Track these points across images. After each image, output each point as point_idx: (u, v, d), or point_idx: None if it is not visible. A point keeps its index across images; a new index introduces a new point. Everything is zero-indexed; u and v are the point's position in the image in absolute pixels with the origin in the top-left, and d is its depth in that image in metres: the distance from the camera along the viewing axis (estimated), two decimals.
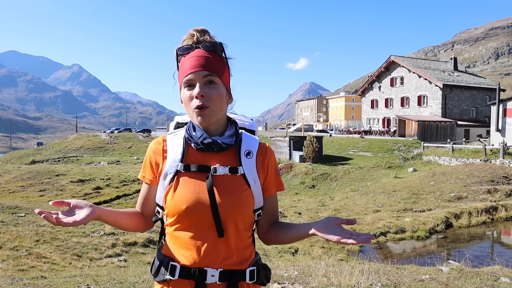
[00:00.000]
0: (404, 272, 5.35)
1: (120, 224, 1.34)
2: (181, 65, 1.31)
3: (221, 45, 1.32)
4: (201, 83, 1.26)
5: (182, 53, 1.32)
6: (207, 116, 1.26)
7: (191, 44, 1.32)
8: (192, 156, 1.32)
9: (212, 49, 1.30)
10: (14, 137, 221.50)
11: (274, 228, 1.42)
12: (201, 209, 1.25)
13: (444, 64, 45.08)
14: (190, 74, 1.26)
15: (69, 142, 47.09)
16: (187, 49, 1.31)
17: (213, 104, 1.26)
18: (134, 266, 6.68)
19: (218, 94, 1.28)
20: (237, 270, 1.28)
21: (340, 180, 21.58)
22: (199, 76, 1.26)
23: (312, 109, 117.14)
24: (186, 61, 1.29)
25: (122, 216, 1.34)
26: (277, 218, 1.45)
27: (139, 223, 1.39)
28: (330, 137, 37.57)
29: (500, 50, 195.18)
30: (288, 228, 1.39)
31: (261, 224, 1.43)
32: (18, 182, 20.30)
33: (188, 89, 1.28)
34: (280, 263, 6.29)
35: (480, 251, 10.24)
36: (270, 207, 1.42)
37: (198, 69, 1.26)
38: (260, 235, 1.45)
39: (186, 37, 1.34)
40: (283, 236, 1.39)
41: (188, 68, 1.27)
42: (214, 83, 1.28)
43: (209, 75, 1.27)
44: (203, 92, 1.25)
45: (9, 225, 8.75)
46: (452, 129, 34.11)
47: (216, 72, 1.28)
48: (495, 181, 16.39)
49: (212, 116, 1.27)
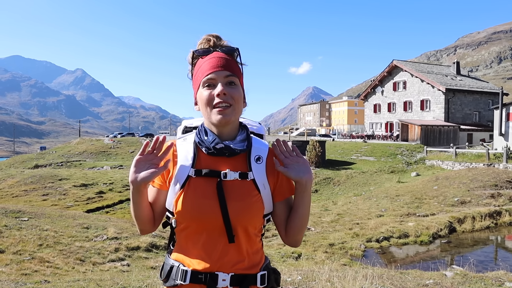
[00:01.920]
0: (408, 277, 5.33)
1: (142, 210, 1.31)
2: (199, 66, 1.31)
3: (237, 50, 1.34)
4: (222, 82, 1.26)
5: (200, 55, 1.32)
6: (228, 115, 1.26)
7: (208, 47, 1.33)
8: (203, 161, 1.31)
9: (230, 53, 1.32)
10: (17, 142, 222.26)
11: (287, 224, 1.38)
12: (211, 215, 1.24)
13: (446, 69, 45.05)
14: (211, 74, 1.26)
15: (72, 146, 47.23)
16: (206, 52, 1.31)
17: (235, 103, 1.27)
18: (137, 271, 6.67)
19: (239, 95, 1.29)
20: (248, 274, 1.27)
21: (343, 184, 21.54)
22: (221, 76, 1.26)
23: (315, 114, 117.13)
24: (205, 62, 1.29)
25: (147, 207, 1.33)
26: None
27: (151, 220, 1.36)
28: (333, 142, 37.55)
29: (503, 54, 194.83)
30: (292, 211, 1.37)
31: (282, 230, 1.38)
32: (21, 186, 20.35)
33: (207, 89, 1.27)
34: (284, 268, 6.27)
35: (484, 256, 10.18)
36: (288, 212, 1.38)
37: (220, 69, 1.26)
38: (284, 240, 1.39)
39: (202, 41, 1.35)
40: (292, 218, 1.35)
41: (209, 68, 1.27)
42: (235, 84, 1.29)
43: (230, 76, 1.27)
44: (226, 91, 1.25)
45: (12, 229, 8.77)
46: (455, 134, 34.04)
47: (236, 73, 1.30)
48: (498, 185, 16.31)
49: (233, 115, 1.27)
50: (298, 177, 1.31)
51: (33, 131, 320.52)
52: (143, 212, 1.32)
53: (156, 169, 1.25)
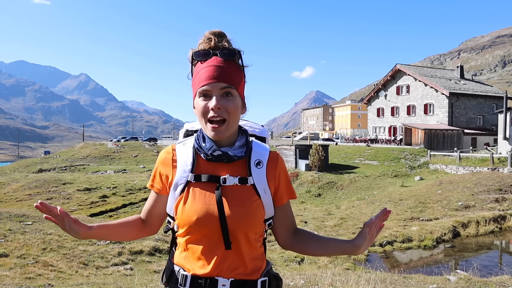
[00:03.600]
0: (411, 281, 5.31)
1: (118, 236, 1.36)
2: (197, 72, 1.28)
3: (239, 53, 1.29)
4: (218, 94, 1.23)
5: (199, 59, 1.28)
6: (222, 132, 1.24)
7: (208, 49, 1.27)
8: (202, 166, 1.30)
9: (230, 58, 1.27)
10: (21, 146, 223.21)
11: (300, 239, 1.40)
12: (210, 221, 1.23)
13: (450, 72, 44.98)
14: (206, 85, 1.23)
15: (76, 150, 47.36)
16: (204, 56, 1.27)
17: (229, 117, 1.24)
18: (140, 275, 6.68)
19: (235, 107, 1.25)
20: (248, 280, 1.26)
21: (346, 188, 21.50)
22: (216, 88, 1.23)
23: (318, 118, 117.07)
24: (202, 69, 1.26)
25: (122, 227, 1.35)
26: (295, 226, 1.44)
27: (140, 231, 1.40)
28: (336, 146, 37.51)
29: (507, 58, 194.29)
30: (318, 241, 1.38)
31: (280, 234, 1.41)
32: (26, 190, 20.42)
33: (203, 99, 1.24)
34: (286, 272, 6.26)
35: (488, 260, 10.12)
36: (285, 216, 1.41)
37: (215, 81, 1.23)
38: (282, 244, 1.43)
39: (203, 40, 1.30)
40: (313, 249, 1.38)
41: (205, 78, 1.23)
42: (231, 95, 1.25)
43: (226, 87, 1.23)
44: (220, 105, 1.22)
45: (16, 233, 8.80)
46: (459, 138, 33.92)
47: (234, 84, 1.25)
48: (503, 189, 16.23)
49: (227, 131, 1.25)
50: (361, 247, 1.30)
51: (37, 136, 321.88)
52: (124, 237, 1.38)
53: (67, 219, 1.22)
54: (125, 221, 1.37)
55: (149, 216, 1.40)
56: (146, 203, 1.41)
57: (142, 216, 1.41)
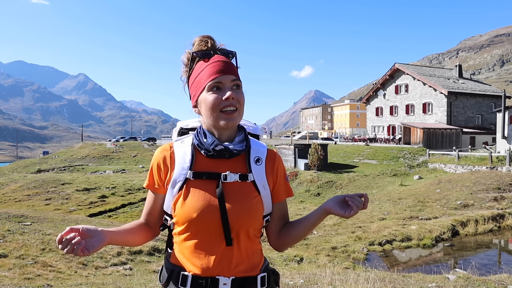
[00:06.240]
0: (410, 280, 5.32)
1: (128, 242, 1.34)
2: (201, 69, 1.30)
3: (235, 54, 1.35)
4: (229, 86, 1.27)
5: (201, 58, 1.32)
6: (235, 119, 1.27)
7: (207, 49, 1.32)
8: (201, 163, 1.31)
9: (228, 56, 1.32)
10: (20, 146, 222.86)
11: (284, 229, 1.41)
12: (211, 217, 1.24)
13: (449, 72, 45.03)
14: (218, 77, 1.26)
15: (75, 151, 47.33)
16: (207, 54, 1.31)
17: (240, 106, 1.28)
18: (140, 275, 6.68)
19: (243, 99, 1.30)
20: (248, 277, 1.27)
21: (345, 188, 21.51)
22: (228, 80, 1.27)
23: (317, 117, 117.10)
24: (208, 66, 1.29)
25: (129, 234, 1.33)
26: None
27: (146, 236, 1.38)
28: (335, 145, 37.53)
29: (505, 57, 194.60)
30: (298, 222, 1.39)
31: (271, 231, 1.42)
32: (24, 191, 20.40)
33: (214, 93, 1.26)
34: (286, 271, 6.26)
35: (487, 259, 10.14)
36: (281, 213, 1.42)
37: (226, 73, 1.27)
38: (272, 242, 1.43)
39: (199, 42, 1.34)
40: (295, 230, 1.38)
41: (215, 71, 1.27)
42: (240, 88, 1.30)
43: (236, 80, 1.29)
44: (234, 95, 1.26)
45: (15, 234, 8.79)
46: (458, 137, 33.96)
47: (239, 78, 1.31)
48: (501, 188, 16.27)
49: (239, 119, 1.29)
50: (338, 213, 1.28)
51: (36, 136, 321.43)
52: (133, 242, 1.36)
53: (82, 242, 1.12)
54: (131, 228, 1.34)
55: (150, 217, 1.38)
56: (145, 205, 1.40)
57: (143, 220, 1.39)
